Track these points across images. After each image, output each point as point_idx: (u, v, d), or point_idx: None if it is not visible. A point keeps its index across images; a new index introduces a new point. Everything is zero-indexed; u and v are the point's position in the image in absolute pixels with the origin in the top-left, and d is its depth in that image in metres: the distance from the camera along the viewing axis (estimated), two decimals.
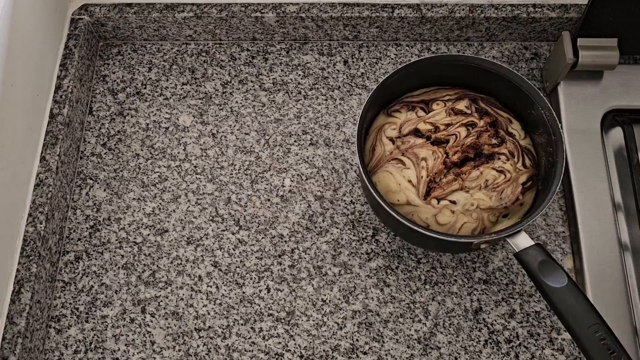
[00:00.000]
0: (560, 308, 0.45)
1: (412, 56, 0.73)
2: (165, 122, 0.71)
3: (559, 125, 0.56)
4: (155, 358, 0.60)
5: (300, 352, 0.60)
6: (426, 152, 0.58)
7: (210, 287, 0.62)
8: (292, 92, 0.72)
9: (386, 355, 0.59)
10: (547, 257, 0.48)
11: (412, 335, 0.60)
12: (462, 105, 0.61)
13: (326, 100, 0.71)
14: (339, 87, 0.72)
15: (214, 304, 0.62)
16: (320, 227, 0.65)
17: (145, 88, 0.73)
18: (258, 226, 0.65)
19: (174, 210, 0.66)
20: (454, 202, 0.57)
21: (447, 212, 0.56)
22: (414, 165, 0.58)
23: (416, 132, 0.60)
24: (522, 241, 0.51)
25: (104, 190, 0.68)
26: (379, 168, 0.60)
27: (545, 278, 0.47)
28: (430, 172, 0.58)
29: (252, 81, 0.73)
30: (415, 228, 0.53)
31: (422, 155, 0.58)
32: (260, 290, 0.62)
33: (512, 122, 0.61)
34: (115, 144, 0.70)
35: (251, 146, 0.69)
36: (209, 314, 0.61)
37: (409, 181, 0.58)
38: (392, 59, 0.73)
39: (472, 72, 0.61)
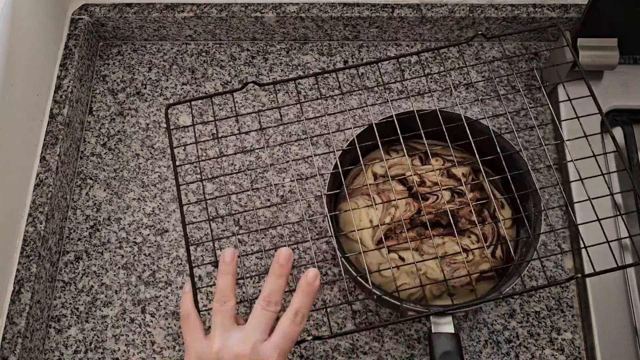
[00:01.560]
0: None
1: (411, 56, 0.73)
2: (165, 122, 0.71)
3: (538, 235, 0.52)
4: (155, 358, 0.60)
5: (300, 352, 0.60)
6: (400, 201, 0.56)
7: (211, 287, 0.62)
8: (292, 92, 0.72)
9: (386, 355, 0.59)
10: (455, 350, 0.48)
11: (412, 335, 0.60)
12: (460, 171, 0.58)
13: (326, 100, 0.71)
14: (339, 87, 0.72)
15: None
16: (320, 227, 0.65)
17: (145, 88, 0.73)
18: (258, 226, 0.65)
19: (174, 210, 0.66)
20: (402, 259, 0.55)
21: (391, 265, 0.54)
22: (383, 208, 0.56)
23: (401, 179, 0.58)
24: (444, 325, 0.49)
25: (104, 190, 0.68)
26: (351, 196, 0.59)
27: None
28: (393, 221, 0.55)
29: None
30: (347, 266, 0.52)
31: (394, 202, 0.56)
32: (260, 291, 0.62)
33: (504, 208, 0.58)
34: (115, 144, 0.70)
35: (251, 146, 0.69)
36: (209, 314, 0.61)
37: (370, 221, 0.56)
38: None
39: (488, 147, 0.55)
